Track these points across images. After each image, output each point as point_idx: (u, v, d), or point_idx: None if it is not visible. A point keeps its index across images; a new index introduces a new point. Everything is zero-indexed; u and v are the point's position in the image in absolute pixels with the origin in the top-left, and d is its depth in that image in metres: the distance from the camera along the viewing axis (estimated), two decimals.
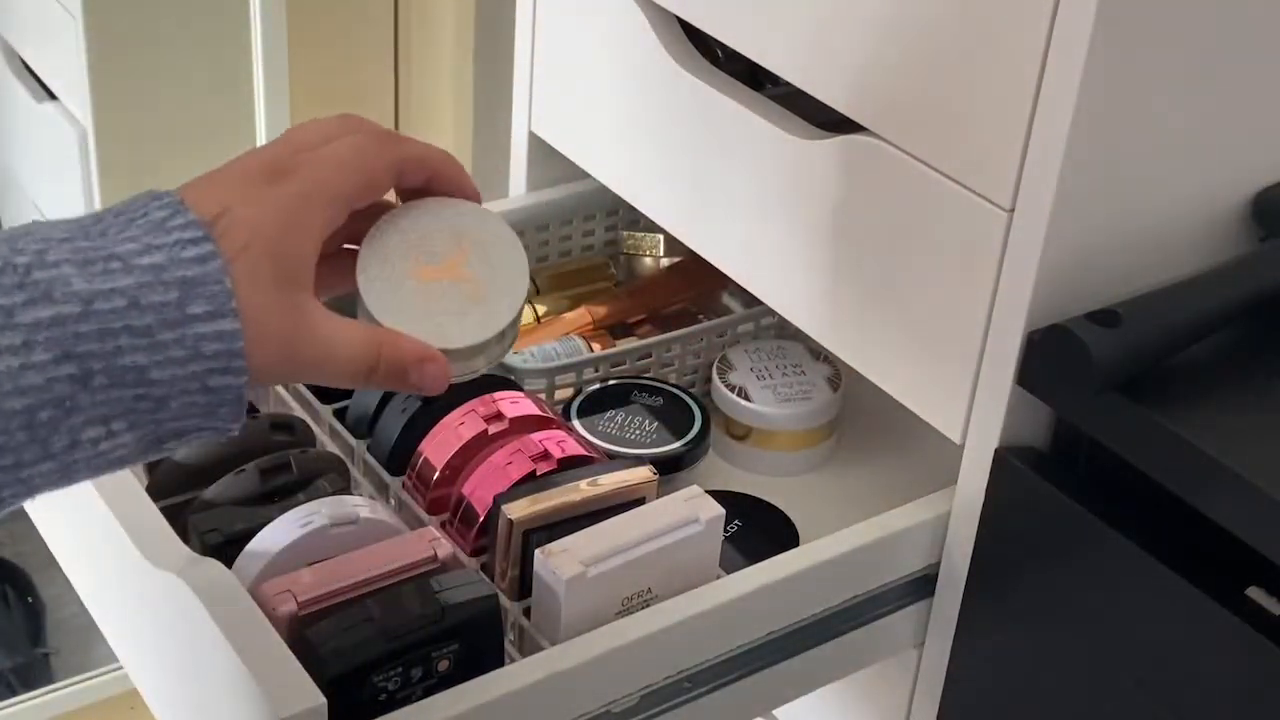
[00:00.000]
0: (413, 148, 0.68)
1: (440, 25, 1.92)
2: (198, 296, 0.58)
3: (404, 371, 0.66)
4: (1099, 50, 0.71)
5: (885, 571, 0.86)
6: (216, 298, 0.58)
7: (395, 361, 0.66)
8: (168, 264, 0.57)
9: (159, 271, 0.57)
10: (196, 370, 0.58)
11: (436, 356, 0.67)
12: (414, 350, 0.66)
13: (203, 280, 0.58)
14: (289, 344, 0.61)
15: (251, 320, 0.59)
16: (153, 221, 0.58)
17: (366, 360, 0.65)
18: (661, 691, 0.79)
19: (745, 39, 0.90)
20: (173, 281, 0.57)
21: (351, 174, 0.65)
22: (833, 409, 1.02)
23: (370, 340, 0.65)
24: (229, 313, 0.58)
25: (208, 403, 0.59)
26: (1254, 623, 0.70)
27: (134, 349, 0.57)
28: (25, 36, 1.80)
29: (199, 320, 0.58)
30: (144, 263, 0.57)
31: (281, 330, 0.61)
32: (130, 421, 0.58)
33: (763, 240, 0.92)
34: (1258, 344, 0.81)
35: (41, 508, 0.91)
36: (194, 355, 0.58)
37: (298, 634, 0.72)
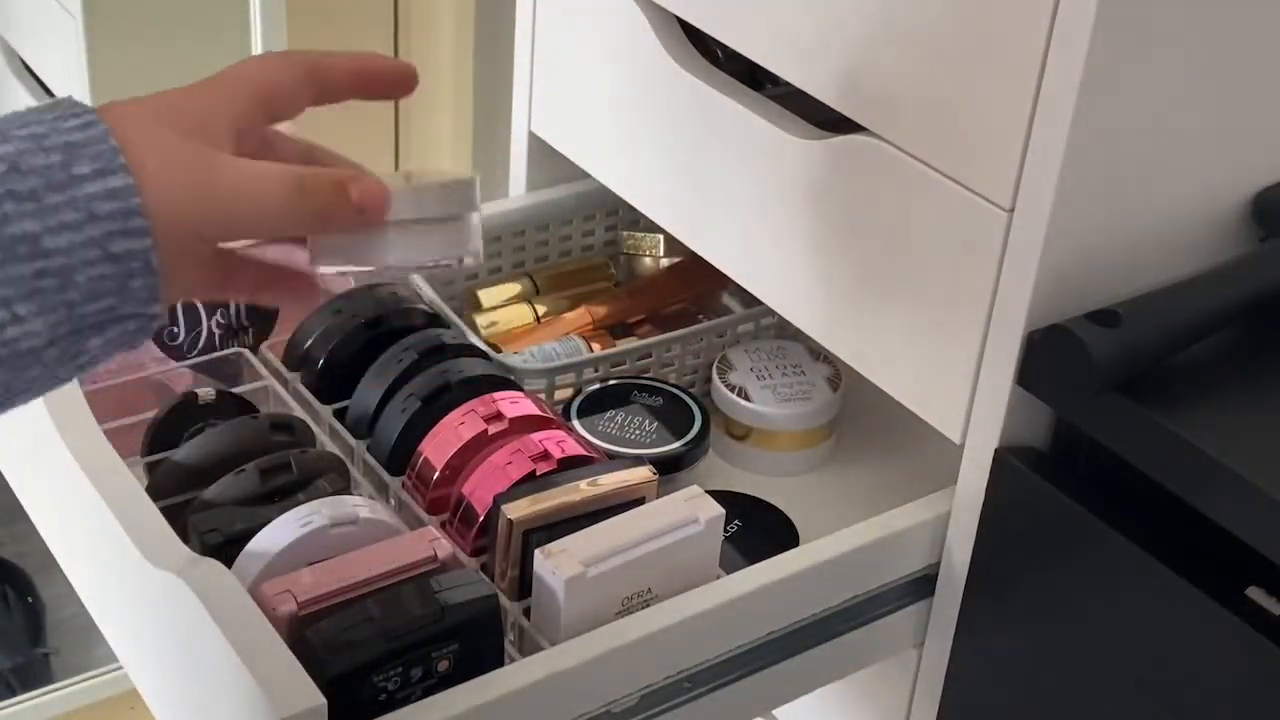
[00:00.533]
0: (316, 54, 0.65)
1: (440, 25, 1.92)
2: (82, 157, 0.55)
3: (341, 185, 0.62)
4: (1099, 50, 0.71)
5: (885, 571, 0.86)
6: (103, 156, 0.55)
7: (328, 175, 0.62)
8: (49, 132, 0.55)
9: (39, 139, 0.55)
10: (94, 235, 0.55)
11: (368, 175, 0.63)
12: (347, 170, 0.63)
13: (86, 143, 0.55)
14: (198, 189, 0.58)
15: (151, 173, 0.56)
16: (38, 108, 0.57)
17: (294, 179, 0.61)
18: (661, 691, 0.79)
19: (745, 39, 0.90)
20: (54, 146, 0.55)
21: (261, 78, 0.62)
22: (833, 409, 1.02)
23: (293, 169, 0.62)
24: (118, 168, 0.55)
25: (116, 273, 0.55)
26: (1254, 623, 0.70)
27: (20, 215, 0.54)
28: (25, 36, 1.80)
29: (86, 180, 0.55)
30: (23, 133, 0.55)
31: (188, 177, 0.58)
32: (37, 304, 0.54)
33: (763, 240, 0.92)
34: (1258, 344, 0.81)
35: (41, 508, 0.91)
36: (88, 217, 0.55)
37: (298, 634, 0.72)
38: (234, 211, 0.60)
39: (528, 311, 1.08)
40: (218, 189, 0.58)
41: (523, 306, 1.08)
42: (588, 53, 1.03)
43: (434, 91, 1.97)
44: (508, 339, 1.05)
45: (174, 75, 0.65)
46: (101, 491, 0.78)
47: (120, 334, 0.57)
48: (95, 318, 0.56)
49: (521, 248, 1.12)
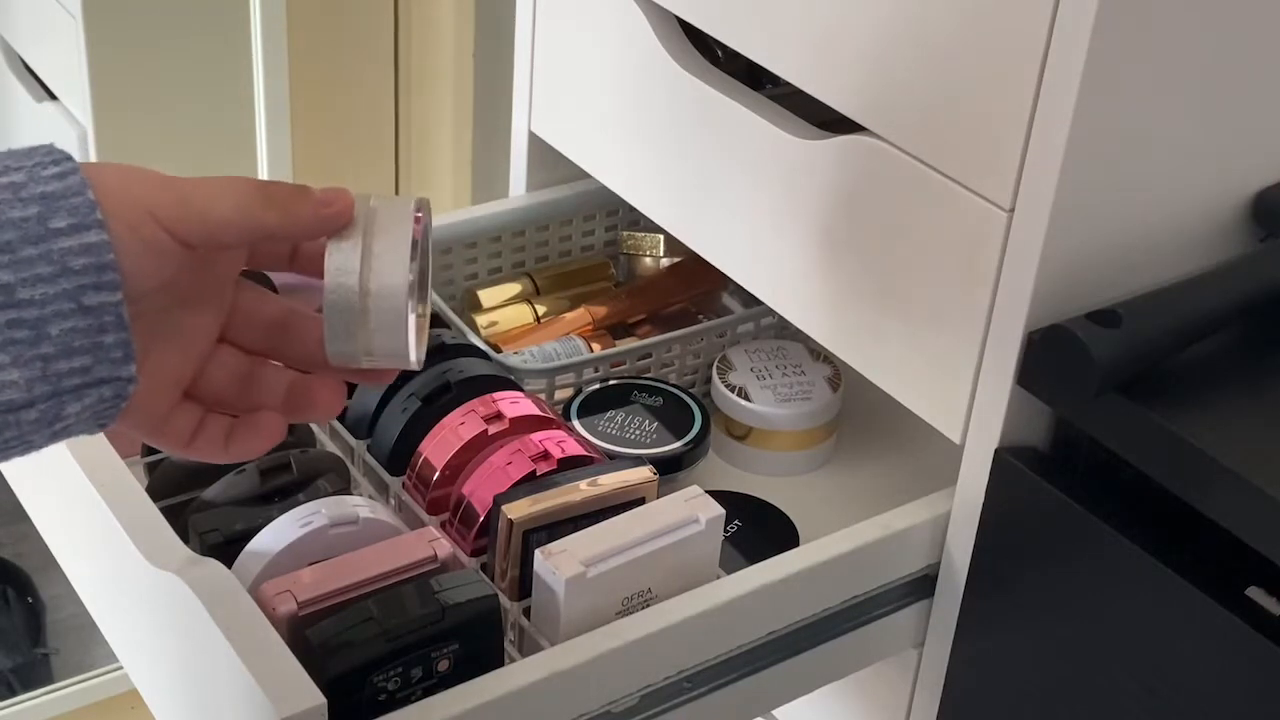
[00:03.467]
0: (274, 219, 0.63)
1: (440, 25, 1.92)
2: (59, 210, 0.56)
3: (304, 189, 0.62)
4: (1099, 50, 0.71)
5: (885, 571, 0.86)
6: (79, 210, 0.56)
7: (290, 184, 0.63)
8: (26, 182, 0.56)
9: (17, 189, 0.56)
10: (67, 288, 0.56)
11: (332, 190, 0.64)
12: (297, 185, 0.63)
13: (63, 194, 0.56)
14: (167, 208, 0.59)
15: (118, 211, 0.57)
16: (16, 153, 0.57)
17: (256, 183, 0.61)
18: (661, 691, 0.79)
19: (745, 39, 0.90)
20: (31, 198, 0.56)
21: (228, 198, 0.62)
22: (833, 409, 1.02)
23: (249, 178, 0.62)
24: (94, 224, 0.56)
25: (88, 327, 0.56)
26: (1254, 623, 0.70)
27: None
28: (25, 36, 1.79)
29: (62, 234, 0.56)
30: (1, 182, 0.56)
31: (154, 202, 0.58)
32: (11, 355, 0.55)
33: (762, 240, 0.92)
34: (1258, 344, 0.81)
35: (41, 508, 0.91)
36: (62, 271, 0.56)
37: (298, 634, 0.72)
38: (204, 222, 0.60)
39: (528, 311, 1.08)
40: (186, 209, 0.60)
41: (523, 306, 1.08)
42: (588, 53, 1.03)
43: (434, 91, 1.97)
44: (508, 339, 1.05)
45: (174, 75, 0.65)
46: (101, 491, 0.78)
47: (97, 400, 0.58)
48: (72, 379, 0.57)
49: (521, 248, 1.12)
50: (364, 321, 0.64)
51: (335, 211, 0.63)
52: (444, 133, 1.97)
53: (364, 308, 0.64)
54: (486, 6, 1.87)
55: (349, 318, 0.64)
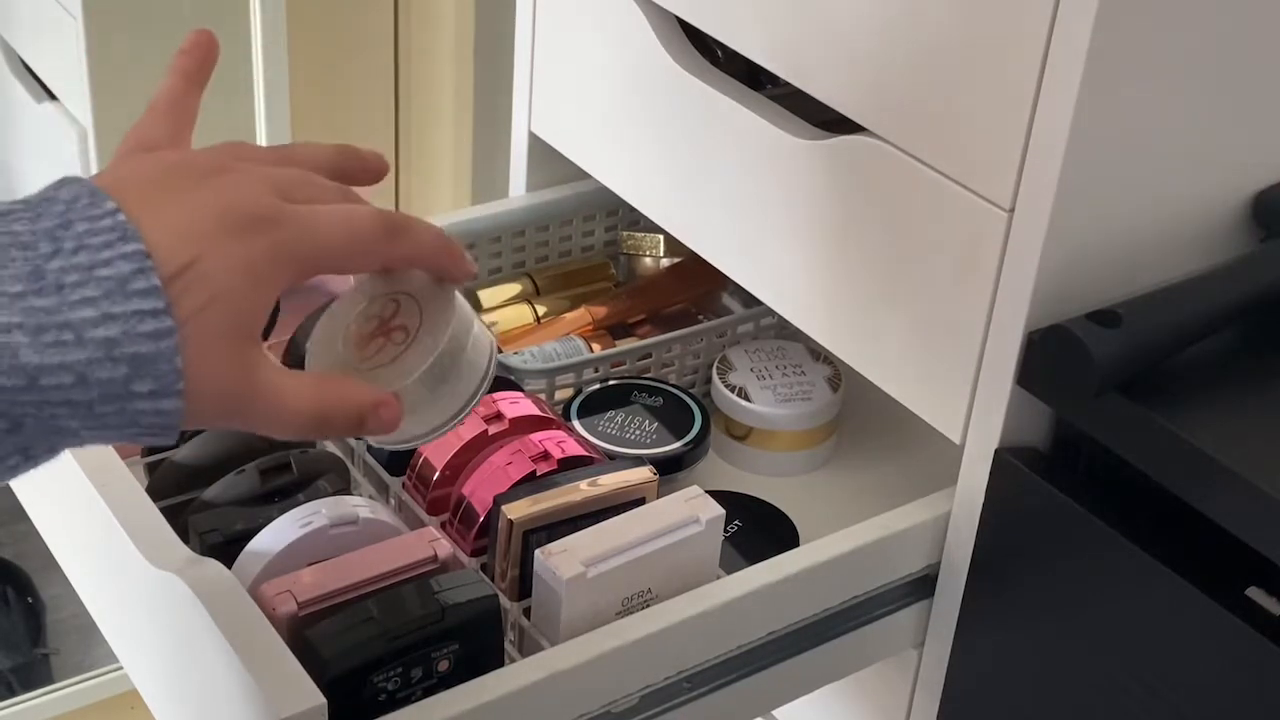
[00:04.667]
0: (406, 247, 0.65)
1: (440, 25, 1.92)
2: (145, 375, 0.56)
3: (360, 418, 0.64)
4: (1099, 50, 0.71)
5: (885, 571, 0.86)
6: (164, 378, 0.56)
7: (350, 405, 0.63)
8: (121, 338, 0.55)
9: (111, 346, 0.55)
10: (129, 434, 0.57)
11: (389, 399, 0.64)
12: (368, 394, 0.64)
13: (154, 359, 0.56)
14: (232, 400, 0.59)
15: (194, 386, 0.57)
16: (114, 279, 0.55)
17: (316, 411, 0.62)
18: (661, 691, 0.79)
19: (745, 39, 0.90)
20: (123, 358, 0.55)
21: (332, 252, 0.62)
22: (833, 409, 1.02)
23: (319, 390, 0.63)
24: (174, 393, 0.56)
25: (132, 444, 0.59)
26: (1254, 623, 0.70)
27: (70, 417, 0.55)
28: (25, 36, 1.79)
29: (142, 398, 0.56)
30: (98, 336, 0.55)
31: (227, 390, 0.59)
32: (52, 452, 0.57)
33: (762, 240, 0.92)
34: (1258, 344, 0.81)
35: (41, 508, 0.91)
36: (130, 424, 0.56)
37: (298, 634, 0.72)
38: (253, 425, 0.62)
39: (528, 311, 1.08)
40: (246, 406, 0.60)
41: (523, 306, 1.08)
42: (588, 53, 1.03)
43: (434, 91, 1.97)
44: (508, 339, 1.05)
45: None
46: (101, 491, 0.78)
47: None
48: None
49: (521, 248, 1.12)
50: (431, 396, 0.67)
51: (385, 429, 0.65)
52: (444, 133, 1.97)
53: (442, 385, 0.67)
54: (486, 6, 1.87)
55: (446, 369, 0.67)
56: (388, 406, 0.64)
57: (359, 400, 0.64)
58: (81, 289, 0.55)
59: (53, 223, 0.56)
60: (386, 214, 0.64)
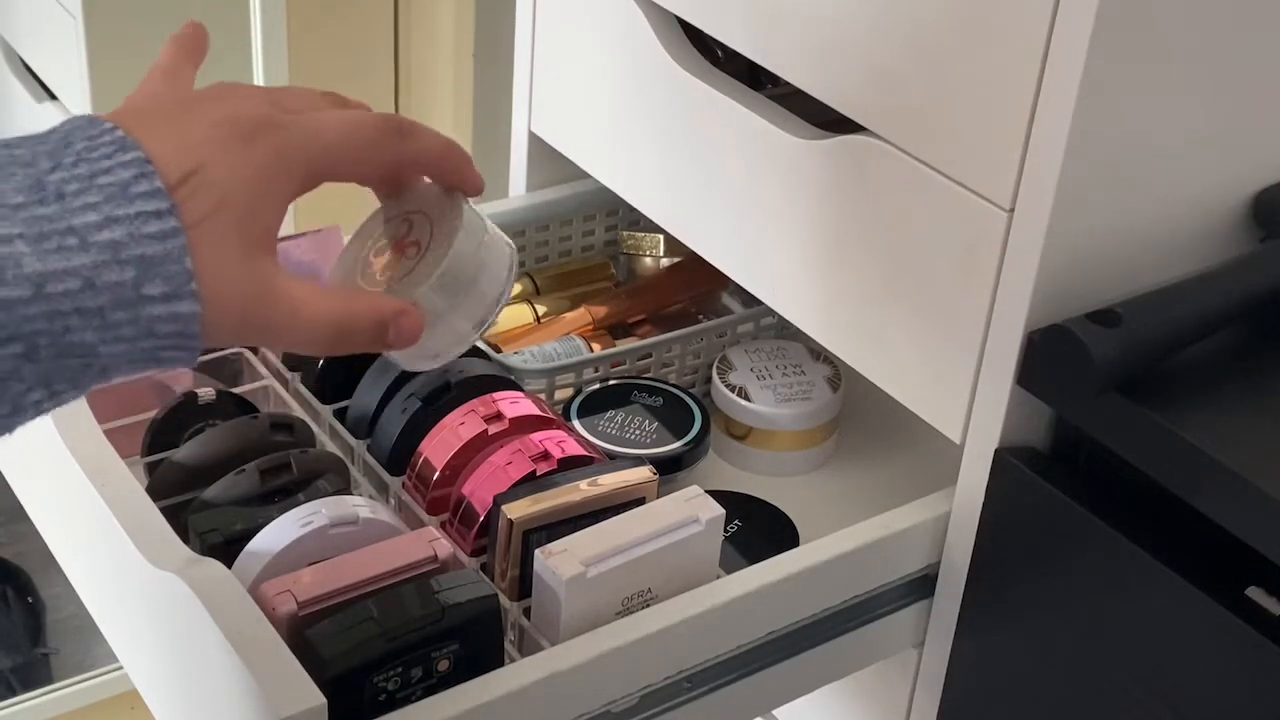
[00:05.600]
0: (413, 147, 0.65)
1: (440, 25, 1.92)
2: (155, 276, 0.55)
3: (381, 327, 0.63)
4: (1099, 50, 0.71)
5: (885, 571, 0.86)
6: (175, 279, 0.55)
7: (371, 314, 0.63)
8: (127, 240, 0.54)
9: (117, 249, 0.54)
10: (147, 346, 0.56)
11: (409, 308, 0.64)
12: (389, 304, 0.64)
13: (162, 259, 0.55)
14: (250, 312, 0.59)
15: (211, 290, 0.56)
16: (116, 184, 0.55)
17: (337, 321, 0.62)
18: (661, 691, 0.79)
19: (745, 39, 0.90)
20: (130, 260, 0.54)
21: (338, 154, 0.62)
22: (833, 409, 1.02)
23: (341, 300, 0.63)
24: (188, 295, 0.56)
25: (156, 366, 0.57)
26: (1254, 623, 0.70)
27: (84, 327, 0.54)
28: (25, 36, 1.80)
29: (155, 301, 0.55)
30: (103, 239, 0.54)
31: (244, 297, 0.58)
32: (74, 383, 0.56)
33: (762, 240, 0.92)
34: (1258, 344, 0.81)
35: (41, 508, 0.91)
36: (146, 334, 0.55)
37: (298, 634, 0.72)
38: (276, 335, 0.62)
39: (528, 311, 1.08)
40: (264, 317, 0.60)
41: (523, 306, 1.08)
42: (588, 53, 1.03)
43: (434, 91, 1.97)
44: (508, 339, 1.05)
45: None
46: (101, 491, 0.78)
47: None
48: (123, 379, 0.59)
49: (521, 248, 1.12)
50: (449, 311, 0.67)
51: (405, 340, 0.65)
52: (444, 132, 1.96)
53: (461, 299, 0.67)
54: (486, 6, 1.87)
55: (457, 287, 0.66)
56: (408, 315, 0.64)
57: (380, 310, 0.63)
58: (83, 196, 0.55)
59: (52, 145, 0.56)
60: (390, 115, 0.64)
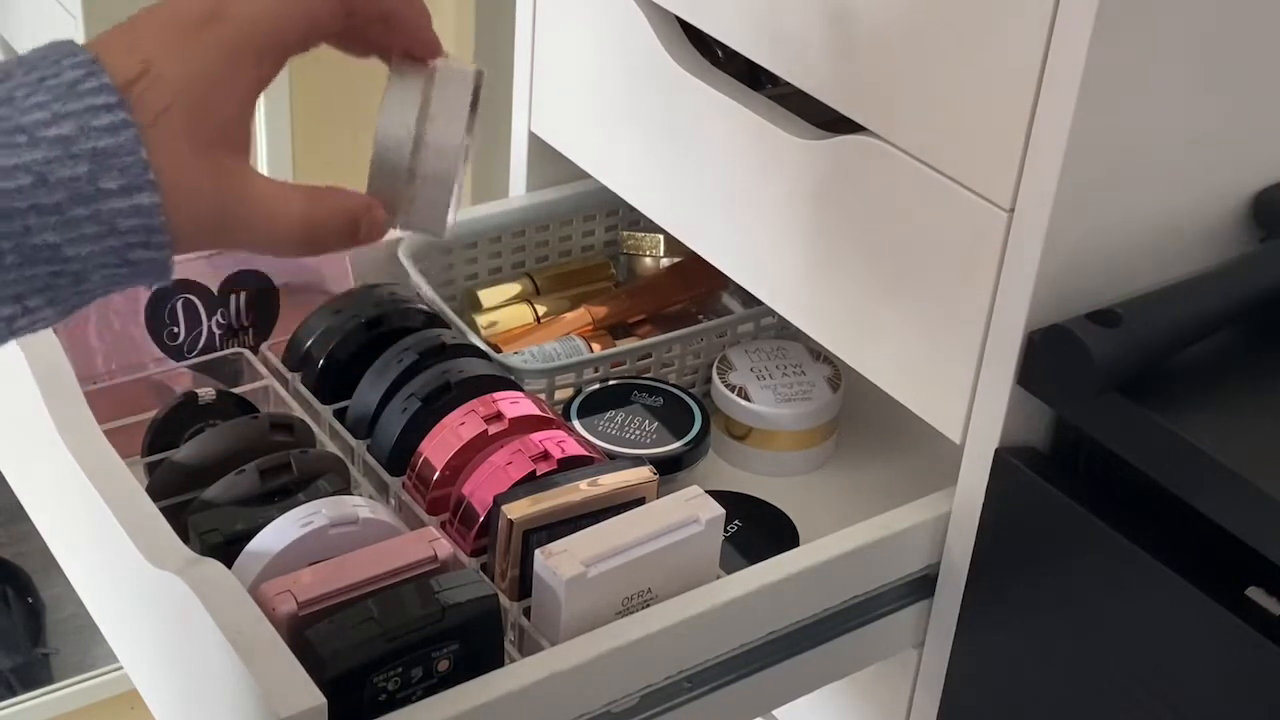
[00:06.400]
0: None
1: (440, 25, 1.92)
2: (110, 169, 0.54)
3: (354, 224, 0.63)
4: (1099, 51, 0.71)
5: (885, 571, 0.86)
6: (130, 170, 0.55)
7: (342, 214, 0.62)
8: (77, 135, 0.54)
9: (68, 144, 0.54)
10: (114, 245, 0.55)
11: (374, 201, 0.64)
12: (358, 199, 0.63)
13: (115, 151, 0.54)
14: (216, 209, 0.58)
15: (172, 187, 0.56)
16: (64, 83, 0.55)
17: (307, 219, 0.61)
18: (661, 691, 0.79)
19: (745, 39, 0.90)
20: (83, 154, 0.54)
21: (286, 15, 0.60)
22: (833, 409, 1.02)
23: (310, 197, 0.62)
24: (145, 185, 0.55)
25: (130, 273, 0.57)
26: (1254, 623, 0.70)
27: (44, 227, 0.54)
28: (25, 36, 1.80)
29: (113, 195, 0.55)
30: (51, 134, 0.54)
31: (207, 195, 0.57)
32: (49, 298, 0.55)
33: (762, 240, 0.92)
34: (1258, 344, 0.81)
35: (41, 508, 0.91)
36: (110, 231, 0.55)
37: (298, 634, 0.72)
38: (246, 233, 0.60)
39: (528, 311, 1.08)
40: (231, 214, 0.59)
41: (523, 306, 1.08)
42: (588, 53, 1.03)
43: None
44: (508, 339, 1.05)
45: None
46: (101, 491, 0.78)
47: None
48: (102, 295, 0.58)
49: (521, 248, 1.12)
50: (409, 184, 0.65)
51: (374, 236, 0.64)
52: None
53: (411, 170, 0.64)
54: (486, 6, 1.87)
55: (395, 168, 0.64)
56: (374, 209, 0.64)
57: (349, 207, 0.63)
58: (32, 98, 0.54)
59: (9, 64, 0.56)
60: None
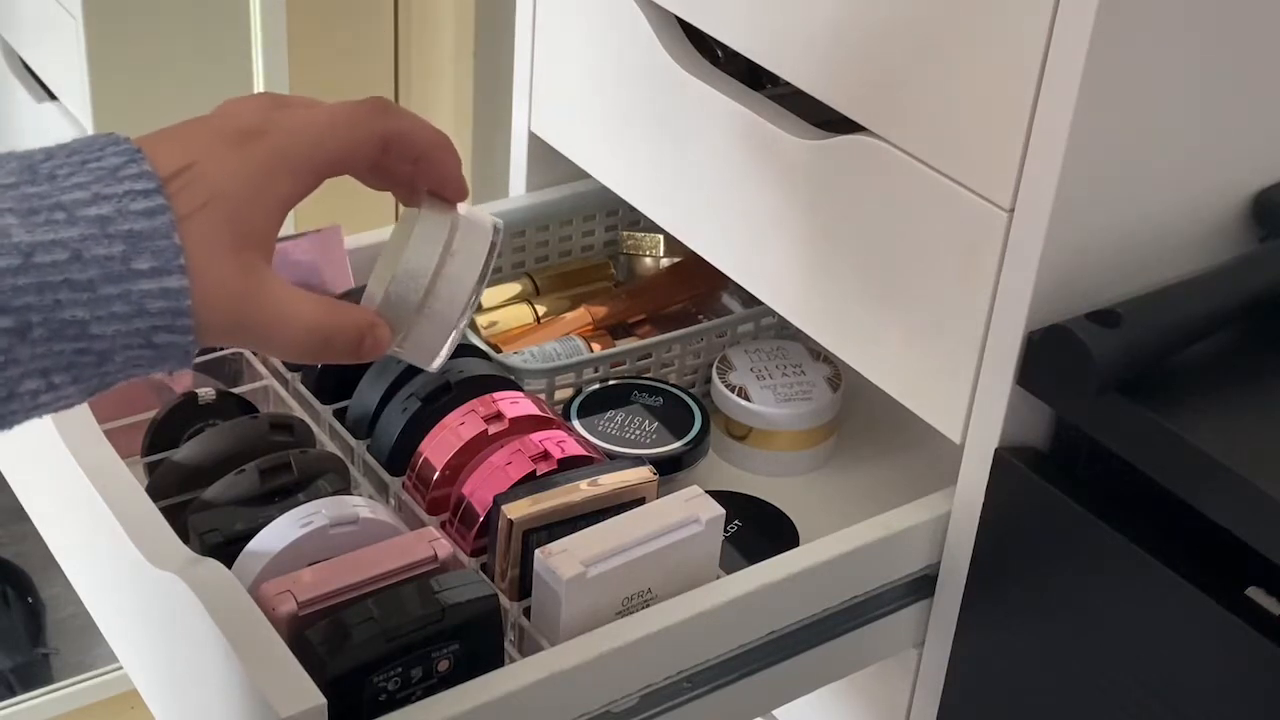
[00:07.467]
0: (399, 122, 0.66)
1: (440, 25, 1.92)
2: (144, 251, 0.56)
3: (360, 338, 0.64)
4: (1099, 50, 0.71)
5: (885, 571, 0.86)
6: (164, 253, 0.56)
7: (354, 327, 0.64)
8: (115, 216, 0.55)
9: (105, 224, 0.55)
10: (140, 327, 0.56)
11: (379, 320, 0.66)
12: (367, 315, 0.65)
13: (150, 235, 0.56)
14: (239, 308, 0.59)
15: (200, 280, 0.57)
16: (106, 168, 0.56)
17: (322, 328, 0.63)
18: (661, 691, 0.79)
19: (745, 39, 0.90)
20: (118, 235, 0.55)
21: (328, 142, 0.63)
22: (833, 409, 1.02)
23: (326, 307, 0.63)
24: (176, 269, 0.56)
25: (153, 357, 0.58)
26: (1254, 623, 0.70)
27: (74, 303, 0.55)
28: (25, 36, 1.79)
29: (144, 276, 0.56)
30: (90, 214, 0.55)
31: (232, 293, 0.59)
32: (73, 375, 0.56)
33: (762, 240, 0.92)
34: (1258, 344, 0.81)
35: (41, 508, 0.91)
36: (138, 311, 0.56)
37: (298, 634, 0.72)
38: (263, 335, 0.62)
39: (528, 311, 1.08)
40: (252, 315, 0.60)
41: (523, 306, 1.08)
42: (588, 53, 1.03)
43: (434, 91, 1.97)
44: (508, 339, 1.05)
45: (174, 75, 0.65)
46: (101, 491, 0.78)
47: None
48: (125, 379, 0.59)
49: (521, 248, 1.12)
50: (416, 315, 0.68)
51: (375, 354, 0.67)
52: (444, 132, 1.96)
53: (422, 304, 0.67)
54: (486, 6, 1.87)
55: (408, 299, 0.67)
56: (379, 328, 0.66)
57: (359, 322, 0.65)
58: (73, 178, 0.56)
59: (53, 146, 0.58)
60: (378, 96, 0.66)
